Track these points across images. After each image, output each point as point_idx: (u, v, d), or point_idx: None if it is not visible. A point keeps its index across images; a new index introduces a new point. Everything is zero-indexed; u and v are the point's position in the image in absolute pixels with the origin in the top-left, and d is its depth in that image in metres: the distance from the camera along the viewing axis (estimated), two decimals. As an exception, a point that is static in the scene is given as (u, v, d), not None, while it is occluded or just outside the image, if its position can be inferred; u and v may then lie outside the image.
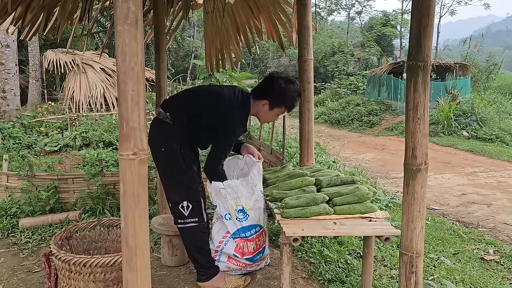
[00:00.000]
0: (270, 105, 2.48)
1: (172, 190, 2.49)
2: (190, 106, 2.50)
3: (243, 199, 2.44)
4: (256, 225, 2.53)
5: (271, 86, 2.48)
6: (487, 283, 2.81)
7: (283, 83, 2.46)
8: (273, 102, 2.48)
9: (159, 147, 2.44)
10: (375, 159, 7.95)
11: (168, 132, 2.43)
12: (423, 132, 1.72)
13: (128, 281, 1.57)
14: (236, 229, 2.48)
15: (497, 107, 12.10)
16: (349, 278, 2.69)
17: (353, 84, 17.57)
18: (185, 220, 2.46)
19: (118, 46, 1.47)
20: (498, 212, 4.60)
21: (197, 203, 2.49)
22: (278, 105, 2.50)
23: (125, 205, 1.53)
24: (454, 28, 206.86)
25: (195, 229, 2.48)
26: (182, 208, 2.45)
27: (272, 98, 2.47)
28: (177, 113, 2.45)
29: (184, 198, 2.45)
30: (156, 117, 2.50)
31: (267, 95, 2.48)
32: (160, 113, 2.48)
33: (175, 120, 2.43)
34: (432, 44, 1.73)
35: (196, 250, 2.51)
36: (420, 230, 1.78)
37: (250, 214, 2.47)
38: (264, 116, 2.57)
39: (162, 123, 2.45)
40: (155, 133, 2.48)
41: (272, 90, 2.47)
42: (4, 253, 3.11)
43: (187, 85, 11.10)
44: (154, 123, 2.51)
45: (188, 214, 2.45)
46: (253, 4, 3.78)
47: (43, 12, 3.36)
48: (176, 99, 2.64)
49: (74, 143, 6.99)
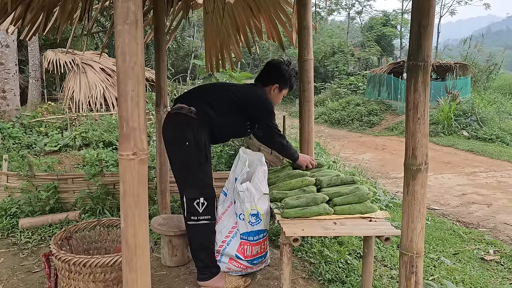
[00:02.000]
0: (280, 87, 2.77)
1: (189, 186, 2.47)
2: (214, 97, 2.56)
3: (260, 204, 2.44)
4: (264, 230, 2.54)
5: (278, 71, 2.76)
6: (487, 283, 2.81)
7: (286, 67, 2.77)
8: (282, 84, 2.77)
9: (183, 141, 2.42)
10: (375, 159, 7.95)
11: (194, 126, 2.43)
12: (423, 132, 1.72)
13: (128, 281, 1.57)
14: (247, 231, 2.48)
15: (497, 107, 12.11)
16: (349, 278, 2.69)
17: (353, 84, 17.58)
18: (198, 217, 2.46)
19: (118, 46, 1.47)
20: (498, 212, 4.60)
21: (211, 200, 2.49)
22: (285, 87, 2.80)
23: (125, 205, 1.53)
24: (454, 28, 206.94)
25: (206, 227, 2.49)
26: (197, 205, 2.44)
27: (281, 81, 2.76)
28: (201, 107, 2.47)
29: (201, 195, 2.45)
30: (177, 112, 2.48)
31: (275, 79, 2.75)
32: (183, 107, 2.46)
33: (199, 114, 2.44)
34: (432, 44, 1.72)
35: (202, 249, 2.50)
36: (420, 230, 1.77)
37: (262, 220, 2.48)
38: (275, 98, 2.80)
39: (187, 118, 2.44)
40: (177, 127, 2.47)
41: (279, 74, 2.76)
42: (4, 253, 3.11)
43: (187, 85, 11.07)
44: (174, 118, 2.50)
45: (202, 211, 2.45)
46: (253, 4, 3.78)
47: (43, 12, 3.36)
48: (197, 93, 2.69)
49: (74, 143, 6.99)
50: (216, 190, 2.55)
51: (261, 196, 2.45)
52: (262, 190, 2.47)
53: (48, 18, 3.45)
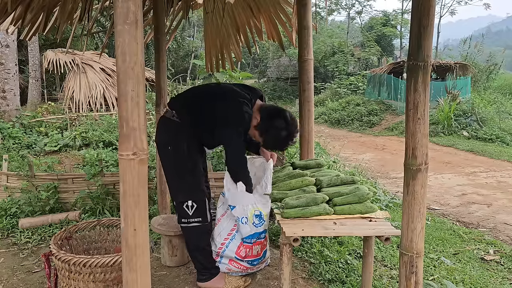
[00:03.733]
0: (261, 131, 2.46)
1: (177, 189, 2.49)
2: (196, 103, 2.48)
3: (260, 204, 2.45)
4: (266, 230, 2.56)
5: (279, 123, 2.43)
6: (487, 283, 2.81)
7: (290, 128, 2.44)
8: (267, 131, 2.45)
9: (166, 146, 2.43)
10: (375, 159, 7.95)
11: (175, 130, 2.43)
12: (423, 132, 1.72)
13: (128, 281, 1.57)
14: (251, 234, 2.48)
15: (497, 107, 12.10)
16: (349, 278, 2.69)
17: (353, 84, 17.56)
18: (189, 220, 2.46)
19: (118, 46, 1.47)
20: (498, 212, 4.60)
21: (201, 202, 2.48)
22: (265, 136, 2.48)
23: (125, 205, 1.53)
24: (454, 28, 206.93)
25: (198, 229, 2.48)
26: (187, 208, 2.45)
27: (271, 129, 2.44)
28: (183, 111, 2.45)
29: (189, 197, 2.45)
30: (164, 116, 2.50)
31: (269, 123, 2.44)
32: (168, 111, 2.47)
33: (182, 118, 2.43)
34: (432, 44, 1.72)
35: (198, 251, 2.51)
36: (420, 230, 1.78)
37: (265, 220, 2.48)
38: (251, 130, 2.49)
39: (169, 122, 2.45)
40: (162, 131, 2.48)
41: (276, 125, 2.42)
42: (4, 253, 3.11)
43: (187, 85, 11.08)
44: (161, 122, 2.51)
45: (192, 214, 2.45)
46: (253, 4, 3.78)
47: (43, 12, 3.36)
48: (182, 97, 2.66)
49: (74, 143, 6.98)
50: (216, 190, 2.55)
51: (263, 197, 2.46)
52: (266, 191, 2.47)
53: (48, 18, 3.45)
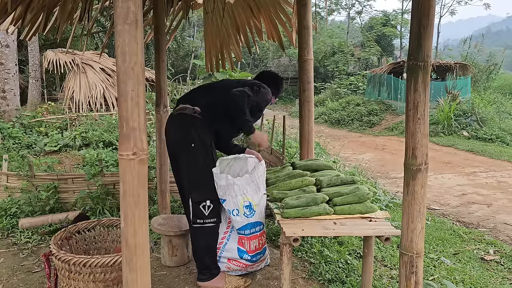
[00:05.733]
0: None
1: (196, 188, 2.44)
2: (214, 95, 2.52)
3: (250, 195, 2.45)
4: (260, 222, 2.56)
5: (275, 79, 2.85)
6: (487, 283, 2.81)
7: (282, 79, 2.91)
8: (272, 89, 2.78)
9: (189, 143, 2.39)
10: (375, 159, 7.95)
11: (199, 126, 2.40)
12: (423, 132, 1.72)
13: (128, 281, 1.57)
14: (243, 225, 2.49)
15: (497, 107, 12.11)
16: (349, 278, 2.69)
17: (353, 84, 17.57)
18: (204, 220, 2.44)
19: (118, 46, 1.47)
20: (498, 212, 4.60)
21: (217, 202, 2.47)
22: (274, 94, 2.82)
23: (125, 205, 1.53)
24: (454, 28, 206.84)
25: (211, 230, 2.48)
26: (204, 208, 2.43)
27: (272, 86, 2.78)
28: (204, 106, 2.44)
29: (207, 197, 2.43)
30: (182, 113, 2.45)
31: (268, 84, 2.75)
32: (187, 108, 2.44)
33: (203, 113, 2.42)
34: (432, 44, 1.73)
35: (207, 250, 2.49)
36: (420, 230, 1.78)
37: (256, 210, 2.49)
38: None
39: (191, 118, 2.41)
40: (183, 128, 2.42)
41: (274, 82, 2.82)
42: (4, 253, 3.11)
43: (187, 85, 11.07)
44: (179, 119, 2.47)
45: (208, 214, 2.43)
46: (253, 4, 3.78)
47: (43, 12, 3.36)
48: (199, 92, 2.64)
49: (74, 143, 6.98)
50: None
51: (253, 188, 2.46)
52: (262, 190, 2.48)
53: (48, 18, 3.45)
